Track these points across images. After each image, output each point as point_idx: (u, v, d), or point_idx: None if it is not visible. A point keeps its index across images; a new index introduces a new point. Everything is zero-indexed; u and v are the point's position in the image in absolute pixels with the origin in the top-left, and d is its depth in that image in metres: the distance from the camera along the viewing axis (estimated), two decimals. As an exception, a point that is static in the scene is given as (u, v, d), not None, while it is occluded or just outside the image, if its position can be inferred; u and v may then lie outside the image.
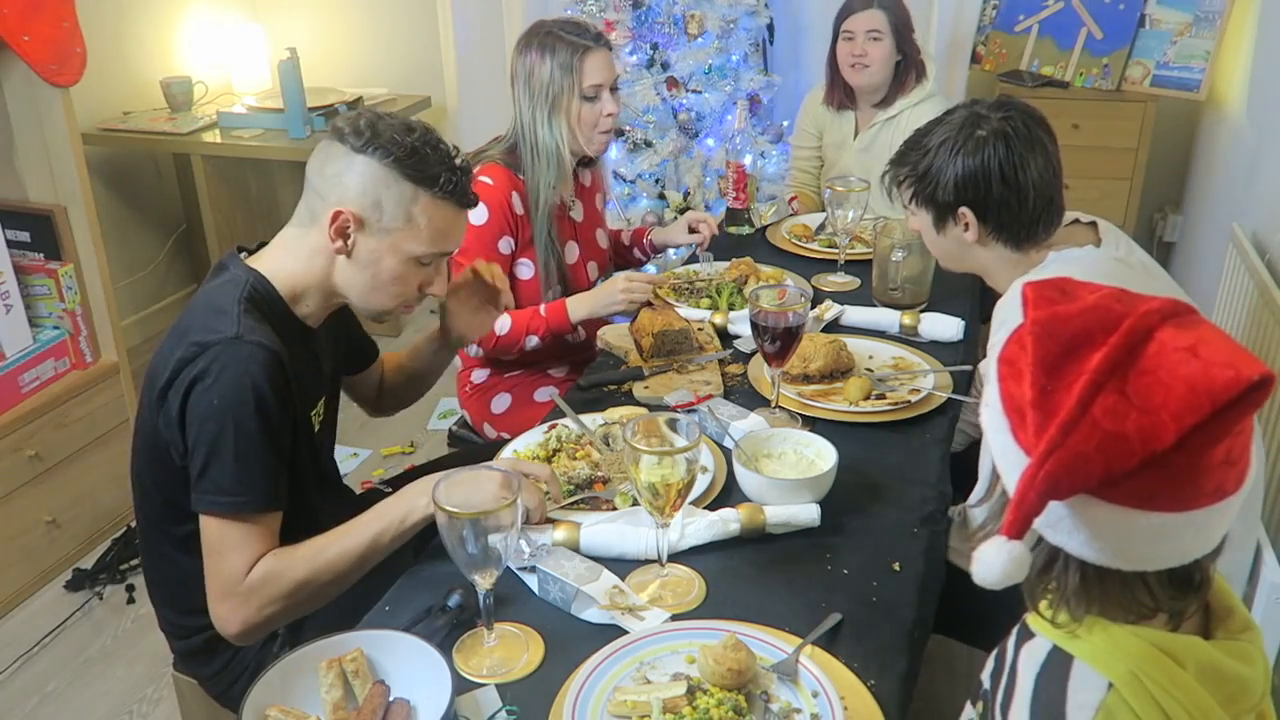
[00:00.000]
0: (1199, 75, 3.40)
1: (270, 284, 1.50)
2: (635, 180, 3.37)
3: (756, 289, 1.74)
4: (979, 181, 1.63)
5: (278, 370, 1.42)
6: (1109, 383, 0.82)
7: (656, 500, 1.30)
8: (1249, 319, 2.41)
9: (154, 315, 4.04)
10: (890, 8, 2.75)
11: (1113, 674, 0.88)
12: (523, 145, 2.19)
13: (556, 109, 2.15)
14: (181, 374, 1.40)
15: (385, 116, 1.48)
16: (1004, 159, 1.61)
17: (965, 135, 1.63)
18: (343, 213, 1.45)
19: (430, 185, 1.45)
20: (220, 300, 1.46)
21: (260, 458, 1.41)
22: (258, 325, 1.44)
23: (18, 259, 2.70)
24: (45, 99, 2.66)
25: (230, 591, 1.41)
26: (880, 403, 1.80)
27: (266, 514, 1.43)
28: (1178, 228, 3.75)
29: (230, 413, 1.38)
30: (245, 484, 1.40)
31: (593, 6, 3.28)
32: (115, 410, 2.89)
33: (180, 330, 1.46)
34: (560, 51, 2.13)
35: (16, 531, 2.63)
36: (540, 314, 2.15)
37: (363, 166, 1.44)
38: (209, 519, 1.41)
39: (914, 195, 1.72)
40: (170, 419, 1.42)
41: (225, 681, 1.61)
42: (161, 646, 2.09)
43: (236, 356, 1.39)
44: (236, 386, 1.38)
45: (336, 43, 4.30)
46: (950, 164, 1.64)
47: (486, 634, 1.26)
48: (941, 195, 1.66)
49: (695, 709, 1.13)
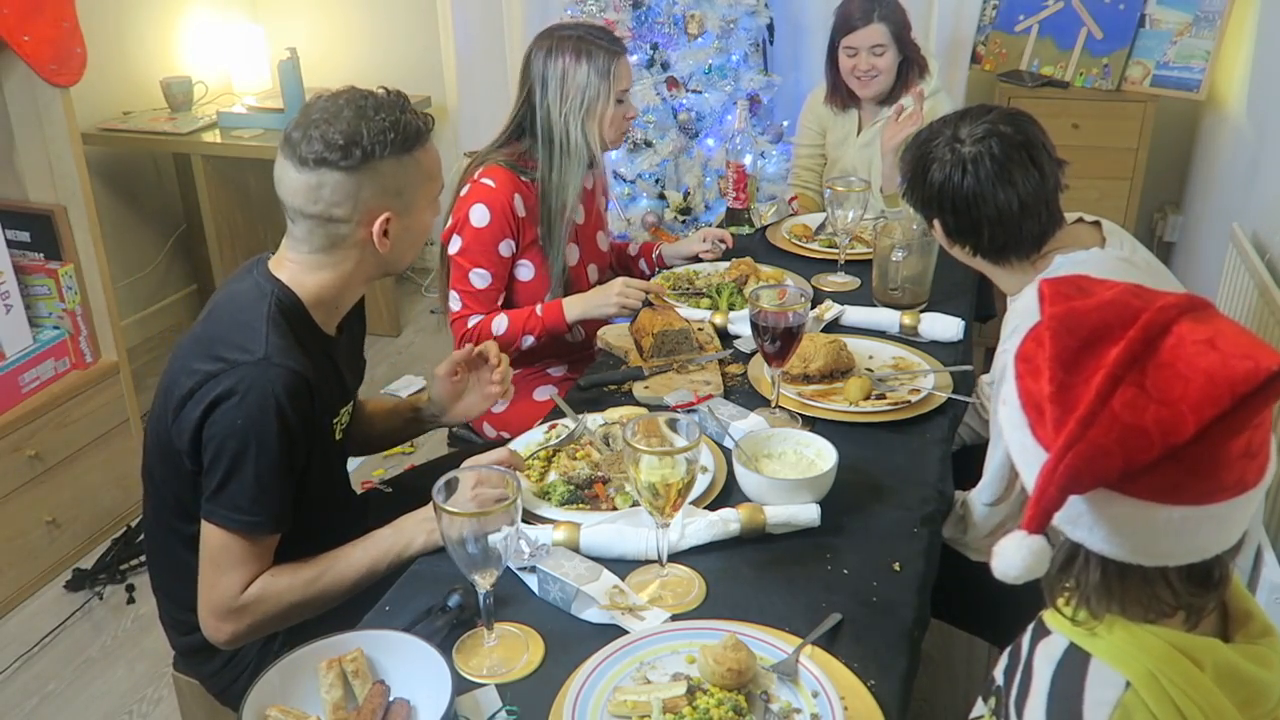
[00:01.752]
0: (1199, 75, 3.40)
1: (295, 295, 1.49)
2: (635, 180, 3.36)
3: (756, 289, 1.74)
4: (974, 226, 1.65)
5: (304, 392, 1.43)
6: (1127, 376, 0.82)
7: (656, 500, 1.30)
8: (1249, 319, 2.41)
9: (154, 315, 4.04)
10: (889, 18, 2.73)
11: (1131, 673, 0.88)
12: (545, 146, 2.21)
13: (591, 113, 2.18)
14: (204, 388, 1.40)
15: (341, 114, 1.42)
16: (976, 193, 1.61)
17: (946, 151, 1.64)
18: (387, 218, 1.47)
19: (418, 141, 1.47)
20: (248, 314, 1.45)
21: (278, 482, 1.42)
22: (285, 345, 1.43)
23: (18, 259, 2.70)
24: (45, 99, 2.66)
25: (223, 607, 1.43)
26: (880, 403, 1.80)
27: (271, 536, 1.45)
28: (1178, 228, 3.75)
29: (255, 434, 1.38)
30: (261, 505, 1.41)
31: (593, 6, 3.27)
32: (115, 410, 2.89)
33: (205, 340, 1.45)
34: (597, 57, 2.16)
35: (16, 531, 2.63)
36: (536, 314, 2.16)
37: (372, 174, 1.43)
38: (215, 530, 1.42)
39: (912, 200, 1.75)
40: (185, 429, 1.42)
41: (226, 680, 1.61)
42: (161, 646, 2.09)
43: (265, 378, 1.39)
44: (262, 409, 1.38)
45: (336, 43, 4.30)
46: (936, 204, 1.67)
47: (486, 634, 1.26)
48: (922, 210, 1.73)
49: (695, 709, 1.13)
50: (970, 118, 1.66)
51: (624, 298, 2.09)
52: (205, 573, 1.44)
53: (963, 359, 2.00)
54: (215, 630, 1.45)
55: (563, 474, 1.60)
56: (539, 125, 2.20)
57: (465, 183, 2.22)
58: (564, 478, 1.59)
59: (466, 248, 2.16)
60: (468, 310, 2.18)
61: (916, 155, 1.69)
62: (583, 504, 1.54)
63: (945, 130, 1.66)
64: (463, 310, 2.18)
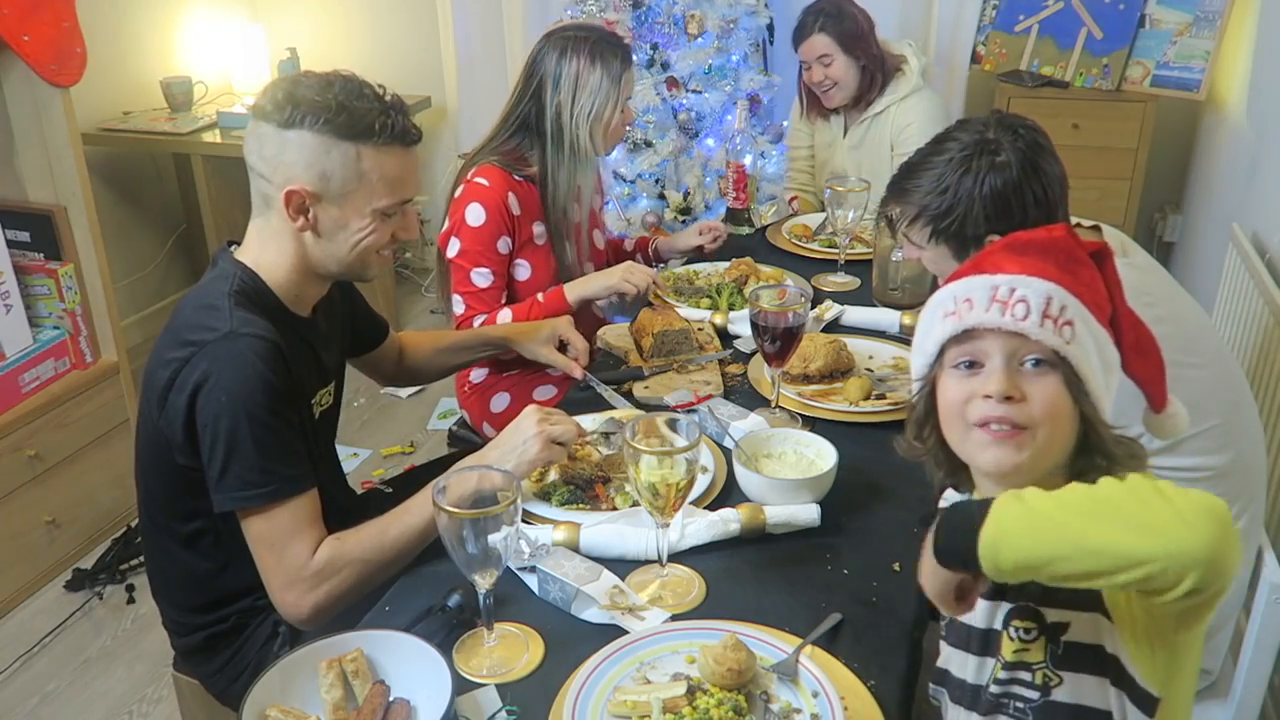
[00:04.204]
0: (1199, 75, 3.40)
1: (257, 275, 1.49)
2: (635, 180, 3.36)
3: (756, 289, 1.74)
4: (1012, 209, 1.56)
5: (278, 357, 1.42)
6: None
7: (656, 500, 1.30)
8: (1249, 319, 2.41)
9: (154, 315, 4.04)
10: (828, 28, 2.77)
11: None
12: (552, 145, 2.20)
13: (599, 117, 2.18)
14: (180, 376, 1.40)
15: (302, 80, 1.43)
16: (1032, 179, 1.56)
17: (986, 164, 1.56)
18: (295, 191, 1.42)
19: (369, 137, 1.42)
20: (210, 296, 1.45)
21: (280, 443, 1.40)
22: (249, 317, 1.42)
23: (18, 259, 2.70)
24: (45, 99, 2.66)
25: (297, 578, 1.39)
26: (880, 403, 1.80)
27: (303, 494, 1.42)
28: (1178, 228, 3.75)
29: (243, 406, 1.37)
30: (271, 471, 1.39)
31: (593, 6, 3.27)
32: (115, 410, 2.90)
33: (173, 331, 1.46)
34: (611, 63, 2.17)
35: (16, 531, 2.63)
36: (538, 300, 2.17)
37: (297, 140, 1.40)
38: (252, 517, 1.40)
39: (932, 233, 1.63)
40: (175, 421, 1.41)
41: (226, 679, 1.61)
42: (161, 646, 2.10)
43: (235, 350, 1.38)
44: (241, 379, 1.37)
45: (336, 43, 4.30)
46: (977, 196, 1.57)
47: (486, 634, 1.26)
48: (971, 229, 1.59)
49: (695, 709, 1.13)
50: (986, 128, 1.61)
51: (629, 273, 2.11)
52: (267, 560, 1.41)
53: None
54: (295, 606, 1.40)
55: (563, 474, 1.60)
56: (547, 123, 2.19)
57: (459, 184, 2.22)
58: (564, 477, 1.59)
59: (465, 249, 2.15)
60: (472, 311, 2.16)
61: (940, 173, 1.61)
62: (583, 504, 1.54)
63: (965, 138, 1.60)
64: (466, 312, 2.17)
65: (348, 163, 1.42)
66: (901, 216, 1.66)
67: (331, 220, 1.46)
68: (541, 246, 2.27)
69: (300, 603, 1.40)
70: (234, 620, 1.59)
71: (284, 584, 1.41)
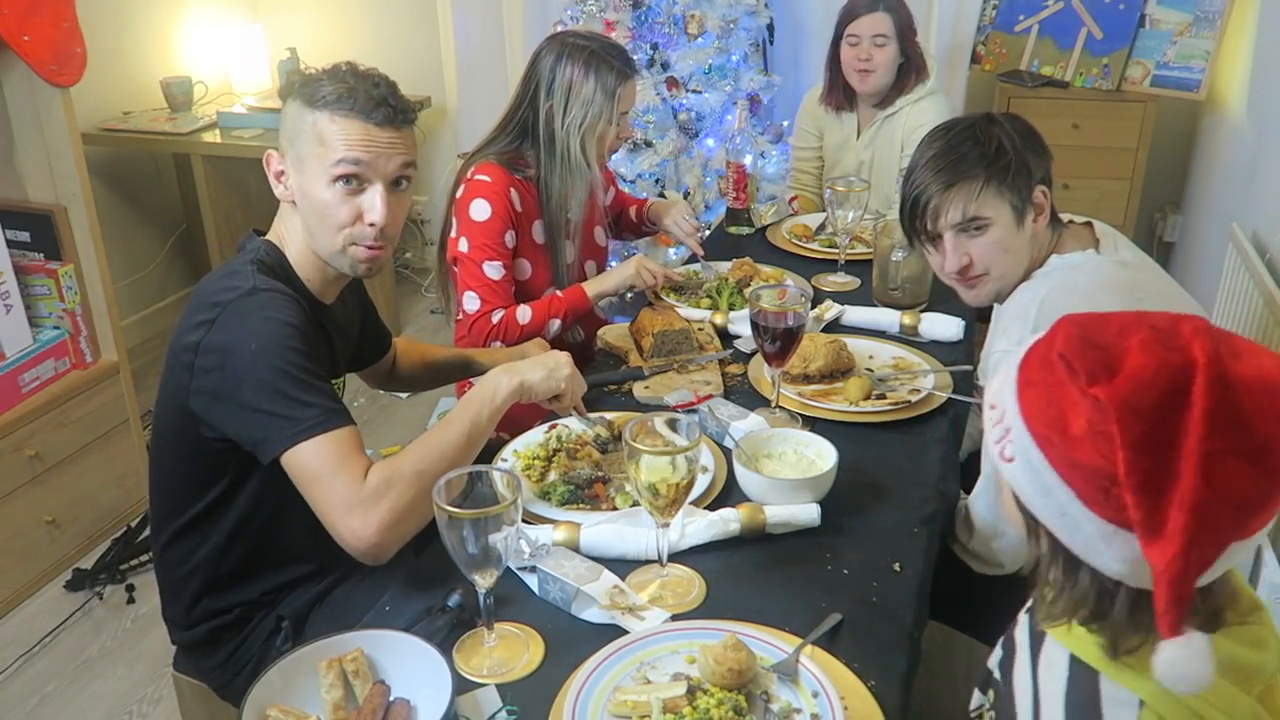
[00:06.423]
0: (1199, 75, 3.40)
1: (279, 249, 1.56)
2: (635, 180, 3.36)
3: (757, 289, 1.74)
4: (1043, 149, 1.66)
5: (301, 311, 1.47)
6: (1217, 444, 0.79)
7: (656, 500, 1.30)
8: (1249, 319, 2.41)
9: (154, 315, 4.04)
10: (895, 9, 2.73)
11: (1143, 691, 0.87)
12: (545, 151, 2.19)
13: (591, 129, 2.16)
14: (208, 337, 1.42)
15: (332, 68, 1.53)
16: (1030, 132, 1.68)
17: (996, 122, 1.67)
18: (271, 154, 1.53)
19: (324, 104, 1.48)
20: (233, 266, 1.52)
21: (316, 378, 1.42)
22: (272, 281, 1.49)
23: (18, 259, 2.70)
24: (45, 99, 2.66)
25: (355, 502, 1.36)
26: (880, 403, 1.80)
27: (346, 426, 1.42)
28: (1178, 228, 3.75)
29: (275, 351, 1.39)
30: (312, 404, 1.39)
31: (593, 6, 3.28)
32: (115, 410, 2.89)
33: (197, 300, 1.49)
34: (606, 76, 2.14)
35: (16, 531, 2.63)
36: (559, 296, 2.18)
37: (285, 110, 1.52)
38: (300, 456, 1.38)
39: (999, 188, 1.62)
40: (205, 393, 1.42)
41: (227, 674, 1.61)
42: (161, 646, 2.10)
43: (258, 303, 1.43)
44: (268, 325, 1.41)
45: (336, 43, 4.30)
46: (1015, 134, 1.65)
47: (486, 634, 1.26)
48: (1024, 176, 1.63)
49: (695, 709, 1.13)
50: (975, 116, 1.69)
51: (643, 266, 2.18)
52: (318, 495, 1.38)
53: (963, 359, 2.00)
54: (364, 529, 1.35)
55: (563, 474, 1.60)
56: (540, 128, 2.18)
57: (460, 184, 2.20)
58: (564, 477, 1.59)
59: (474, 244, 2.14)
60: (489, 306, 2.13)
61: None
62: (583, 504, 1.54)
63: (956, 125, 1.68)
64: (483, 308, 2.14)
65: (305, 126, 1.49)
66: (967, 196, 1.62)
67: (299, 188, 1.52)
68: (541, 246, 2.26)
69: (366, 526, 1.35)
70: (239, 612, 1.59)
71: (344, 512, 1.36)
